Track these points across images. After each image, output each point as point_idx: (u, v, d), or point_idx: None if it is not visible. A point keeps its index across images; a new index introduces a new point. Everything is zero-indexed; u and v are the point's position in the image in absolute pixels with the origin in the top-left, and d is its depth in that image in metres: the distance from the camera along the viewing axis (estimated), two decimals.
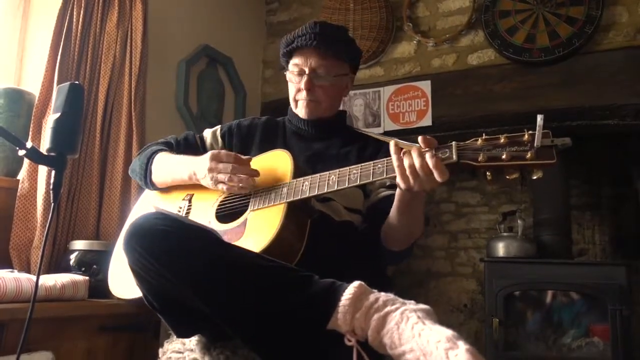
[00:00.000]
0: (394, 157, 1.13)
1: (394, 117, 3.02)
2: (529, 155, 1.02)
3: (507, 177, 1.06)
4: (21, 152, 1.09)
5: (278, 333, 1.01)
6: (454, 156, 1.09)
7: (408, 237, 1.36)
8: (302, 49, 1.49)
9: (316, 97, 1.51)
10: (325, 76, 1.49)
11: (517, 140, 1.05)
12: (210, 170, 1.35)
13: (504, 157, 1.04)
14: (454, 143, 1.10)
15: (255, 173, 1.34)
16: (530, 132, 1.04)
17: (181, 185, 1.50)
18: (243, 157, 1.37)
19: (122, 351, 1.78)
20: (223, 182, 1.34)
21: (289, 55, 1.53)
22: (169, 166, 1.49)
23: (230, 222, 1.35)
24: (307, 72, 1.48)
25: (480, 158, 1.06)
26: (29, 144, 1.09)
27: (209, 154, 1.37)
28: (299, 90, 1.52)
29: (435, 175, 1.09)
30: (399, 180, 1.14)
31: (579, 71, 2.65)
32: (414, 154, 1.11)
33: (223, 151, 1.37)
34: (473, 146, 1.08)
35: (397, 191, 1.23)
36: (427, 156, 1.10)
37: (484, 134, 1.09)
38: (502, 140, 1.06)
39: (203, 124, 2.82)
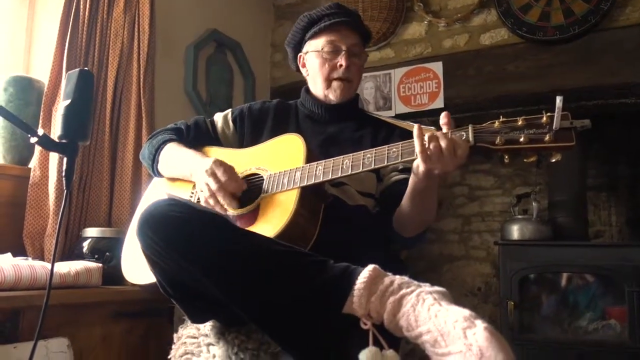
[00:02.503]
0: (417, 141, 1.11)
1: (405, 100, 3.00)
2: (547, 138, 1.01)
3: (525, 160, 1.05)
4: (33, 140, 1.10)
5: (293, 318, 1.02)
6: (471, 139, 1.09)
7: (420, 224, 1.35)
8: (335, 27, 1.50)
9: (351, 75, 1.52)
10: (360, 54, 1.52)
11: (535, 123, 1.04)
12: (204, 175, 1.36)
13: (521, 140, 1.03)
14: (470, 126, 1.10)
15: (233, 205, 1.33)
16: (548, 114, 1.03)
17: None
18: (237, 182, 1.35)
19: (137, 337, 1.80)
20: (205, 196, 1.36)
21: (313, 36, 1.53)
22: (174, 161, 1.51)
23: (242, 208, 1.35)
24: (345, 49, 1.49)
25: (497, 141, 1.06)
26: (40, 132, 1.09)
27: (212, 159, 1.37)
28: (334, 68, 1.51)
29: (459, 153, 1.07)
30: (420, 162, 1.12)
31: (595, 49, 2.61)
32: (440, 135, 1.10)
33: (225, 166, 1.36)
34: (490, 129, 1.07)
35: (411, 178, 1.22)
36: (452, 137, 1.09)
37: (501, 117, 1.08)
38: (519, 123, 1.05)
39: (212, 109, 2.81)
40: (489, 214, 3.54)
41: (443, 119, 1.12)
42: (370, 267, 1.00)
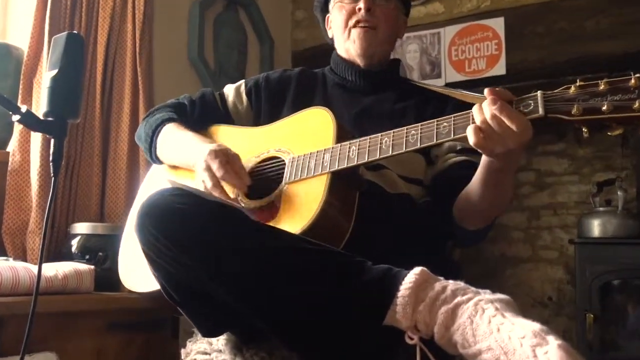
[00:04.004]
0: (475, 111, 1.11)
1: (457, 65, 2.97)
2: (637, 104, 0.99)
3: (609, 133, 1.04)
4: (15, 118, 1.12)
5: (323, 331, 1.03)
6: (540, 109, 1.07)
7: (490, 213, 1.35)
8: None
9: (375, 20, 1.52)
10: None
11: (620, 87, 1.02)
12: (199, 170, 1.37)
13: (604, 108, 1.01)
14: (539, 92, 1.08)
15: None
16: (637, 75, 1.01)
17: None
18: (237, 175, 1.35)
19: (136, 352, 1.84)
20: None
21: None
22: (176, 145, 1.53)
23: (261, 198, 1.37)
24: None
25: (573, 110, 1.04)
26: (23, 108, 1.12)
27: (209, 147, 1.37)
28: (353, 12, 1.53)
29: (516, 126, 1.06)
30: (470, 139, 1.12)
31: None
32: (487, 104, 1.09)
33: (223, 156, 1.35)
34: (564, 95, 1.06)
35: (484, 158, 1.22)
36: (501, 104, 1.07)
37: (578, 80, 1.06)
38: (601, 87, 1.03)
39: (222, 80, 2.83)
40: (562, 205, 3.49)
41: (487, 97, 1.10)
42: (417, 269, 0.99)
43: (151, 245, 1.11)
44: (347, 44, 1.55)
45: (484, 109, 1.09)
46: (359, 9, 1.50)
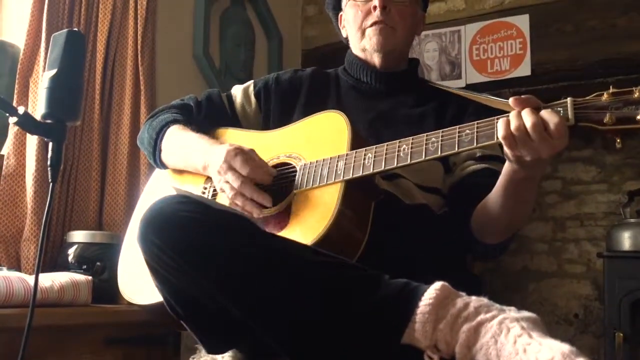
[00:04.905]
0: (501, 122, 1.11)
1: (479, 66, 2.97)
2: None
3: None
4: (12, 120, 1.14)
5: (337, 349, 1.03)
6: (571, 116, 1.07)
7: (510, 226, 1.35)
8: None
9: (392, 20, 1.52)
10: None
11: None
12: (219, 172, 1.38)
13: (639, 117, 1.02)
14: (569, 99, 1.09)
15: (267, 201, 1.35)
16: None
17: None
18: (262, 169, 1.37)
19: None
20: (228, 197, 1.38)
21: None
22: (183, 148, 1.53)
23: (270, 207, 1.37)
24: None
25: (606, 119, 1.05)
26: (21, 110, 1.13)
27: (226, 148, 1.39)
28: (368, 13, 1.53)
29: (554, 133, 1.06)
30: (505, 148, 1.13)
31: None
32: (527, 111, 1.09)
33: (243, 153, 1.37)
34: (596, 103, 1.07)
35: (505, 166, 1.22)
36: (543, 113, 1.08)
37: (611, 87, 1.06)
38: (636, 95, 1.03)
39: (228, 79, 2.85)
40: (590, 216, 3.48)
41: (513, 106, 1.11)
42: (438, 284, 1.00)
43: (154, 255, 1.12)
44: (363, 42, 1.56)
45: (524, 115, 1.09)
46: (374, 8, 1.51)
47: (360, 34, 1.56)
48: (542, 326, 0.93)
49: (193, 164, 1.49)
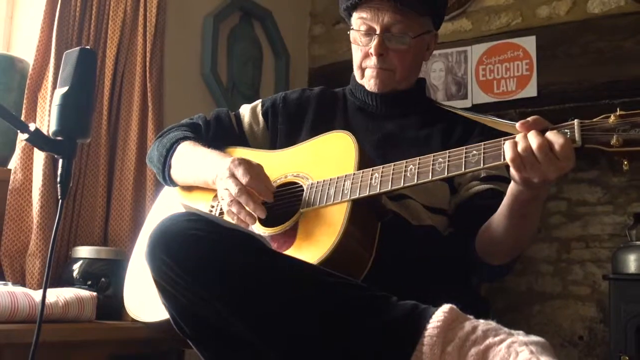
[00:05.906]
0: (508, 143, 1.12)
1: (485, 86, 2.98)
2: None
3: None
4: (23, 137, 1.15)
5: None
6: (578, 139, 1.08)
7: (515, 247, 1.35)
8: (370, 1, 1.48)
9: (390, 64, 1.51)
10: (402, 37, 1.49)
11: None
12: (221, 179, 1.39)
13: None
14: (576, 121, 1.10)
15: (261, 212, 1.35)
16: None
17: None
18: (263, 182, 1.38)
19: None
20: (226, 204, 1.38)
21: (352, 8, 1.54)
22: (194, 162, 1.54)
23: (277, 226, 1.38)
24: (378, 31, 1.48)
25: (613, 141, 1.05)
26: (32, 127, 1.14)
27: (232, 158, 1.40)
28: (366, 55, 1.53)
29: (560, 155, 1.07)
30: (512, 170, 1.14)
31: None
32: (532, 134, 1.10)
33: (246, 163, 1.38)
34: (603, 125, 1.07)
35: (510, 187, 1.22)
36: (549, 135, 1.09)
37: (618, 109, 1.07)
38: None
39: (236, 97, 2.86)
40: (595, 237, 3.47)
41: (519, 130, 1.12)
42: (446, 307, 1.00)
43: (163, 273, 1.12)
44: (362, 80, 1.57)
45: (530, 137, 1.10)
46: (371, 54, 1.50)
47: (360, 73, 1.57)
48: (551, 351, 0.93)
49: (204, 178, 1.50)
